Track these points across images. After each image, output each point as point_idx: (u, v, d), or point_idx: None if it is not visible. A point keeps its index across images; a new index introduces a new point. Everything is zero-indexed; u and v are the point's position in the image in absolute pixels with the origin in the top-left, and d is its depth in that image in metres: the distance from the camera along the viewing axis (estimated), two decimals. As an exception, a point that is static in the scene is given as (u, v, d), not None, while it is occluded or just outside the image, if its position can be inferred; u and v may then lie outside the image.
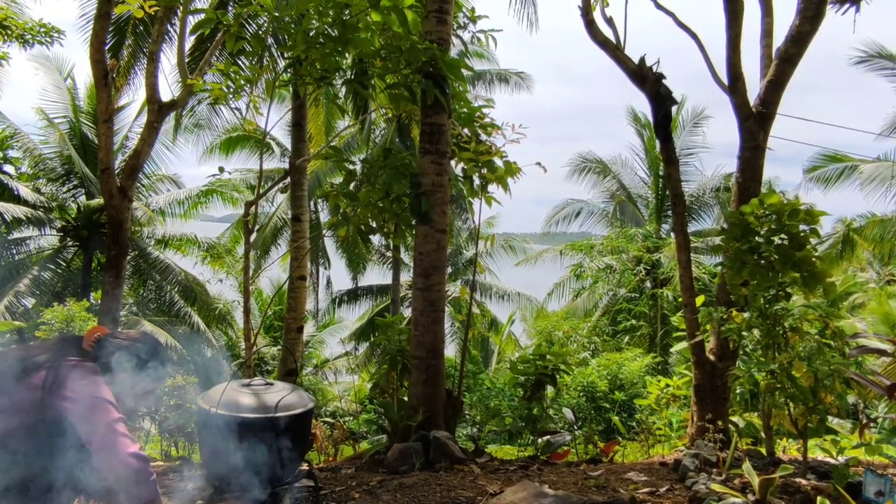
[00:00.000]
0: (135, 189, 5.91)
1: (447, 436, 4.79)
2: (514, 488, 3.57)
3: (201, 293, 16.27)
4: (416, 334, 5.24)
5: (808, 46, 5.05)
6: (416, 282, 5.30)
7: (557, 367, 5.57)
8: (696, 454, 4.35)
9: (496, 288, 21.07)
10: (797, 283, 4.19)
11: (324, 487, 3.98)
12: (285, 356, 10.52)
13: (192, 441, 5.72)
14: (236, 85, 5.34)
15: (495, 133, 5.63)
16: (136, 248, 15.51)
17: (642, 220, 19.58)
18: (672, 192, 5.24)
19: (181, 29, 6.46)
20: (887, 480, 3.43)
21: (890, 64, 15.95)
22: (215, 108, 12.20)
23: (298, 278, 9.73)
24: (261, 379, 3.21)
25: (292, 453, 3.08)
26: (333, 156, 5.93)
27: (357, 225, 5.37)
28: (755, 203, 4.34)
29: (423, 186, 5.20)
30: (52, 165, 15.55)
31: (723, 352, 5.01)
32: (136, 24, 9.72)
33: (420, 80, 5.12)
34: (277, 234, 19.21)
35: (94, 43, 5.22)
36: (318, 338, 20.93)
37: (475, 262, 6.92)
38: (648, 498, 3.76)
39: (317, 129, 15.30)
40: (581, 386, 10.67)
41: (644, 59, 5.04)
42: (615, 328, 17.23)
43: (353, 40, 5.03)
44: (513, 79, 18.95)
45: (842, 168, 16.90)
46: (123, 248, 5.64)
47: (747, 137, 5.12)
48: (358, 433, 9.25)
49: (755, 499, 3.41)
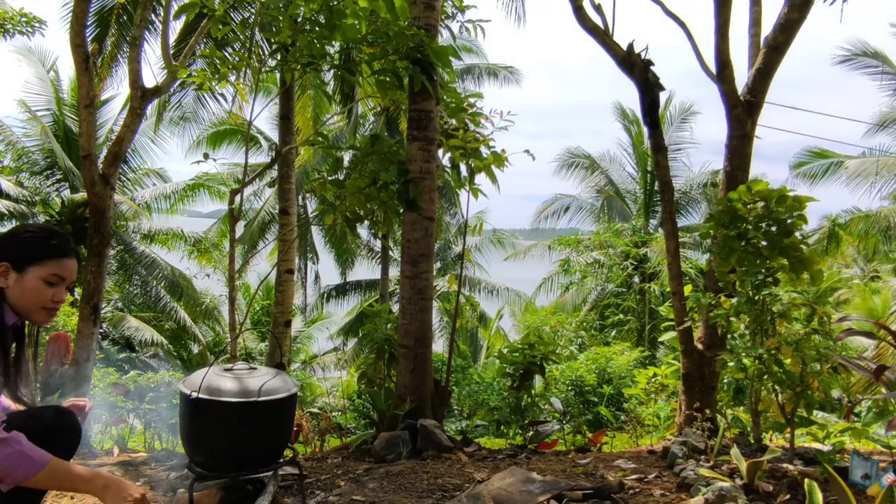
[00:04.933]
0: (117, 177, 5.81)
1: (435, 424, 4.75)
2: (501, 474, 3.54)
3: (188, 288, 16.13)
4: (404, 323, 5.20)
5: (797, 35, 5.05)
6: (404, 270, 5.25)
7: (546, 356, 5.55)
8: (685, 442, 4.34)
9: (485, 283, 21.07)
10: (785, 269, 4.20)
11: (309, 475, 3.93)
12: (272, 350, 10.44)
13: (177, 434, 5.65)
14: (222, 71, 5.27)
15: (483, 120, 5.59)
16: (122, 242, 15.33)
17: (630, 216, 19.65)
18: (660, 179, 5.22)
19: (165, 14, 6.36)
20: (874, 464, 3.43)
21: (874, 62, 16.10)
22: (201, 101, 12.08)
23: (286, 272, 9.65)
24: (244, 363, 3.15)
25: (276, 439, 3.03)
26: (321, 143, 5.86)
27: (344, 213, 5.31)
28: (743, 190, 4.34)
29: (411, 173, 5.15)
30: (34, 158, 15.34)
31: (711, 340, 5.01)
32: (120, 13, 9.59)
33: (407, 67, 5.07)
34: (265, 228, 19.08)
35: (74, 26, 5.11)
36: (306, 333, 20.83)
37: (463, 251, 6.89)
38: (637, 484, 3.74)
39: (304, 123, 15.19)
40: (570, 380, 10.70)
41: (632, 45, 5.02)
42: (603, 323, 17.30)
43: (341, 26, 4.98)
44: (502, 73, 18.94)
45: (827, 164, 17.05)
46: (106, 236, 5.54)
47: (735, 126, 5.12)
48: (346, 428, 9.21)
49: (743, 483, 3.40)
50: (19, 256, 1.94)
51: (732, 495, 3.13)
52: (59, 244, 2.01)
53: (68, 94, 16.01)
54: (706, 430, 4.35)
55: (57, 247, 2.00)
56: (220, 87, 5.61)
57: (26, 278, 1.93)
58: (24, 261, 1.94)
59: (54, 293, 2.00)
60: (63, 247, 2.02)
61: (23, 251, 1.95)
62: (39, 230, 2.02)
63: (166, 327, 15.63)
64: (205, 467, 2.90)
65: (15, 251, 1.95)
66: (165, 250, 17.17)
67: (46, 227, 2.05)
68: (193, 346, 16.49)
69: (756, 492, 3.35)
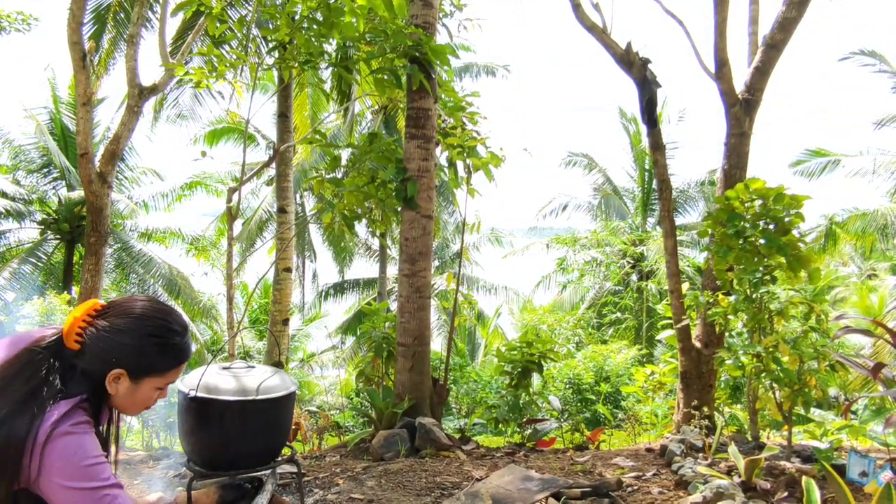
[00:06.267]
0: (114, 175, 5.79)
1: (433, 422, 4.75)
2: (499, 472, 3.54)
3: (185, 287, 16.09)
4: (402, 321, 5.19)
5: (794, 33, 5.06)
6: (402, 268, 5.25)
7: (544, 354, 5.55)
8: (683, 439, 4.35)
9: (483, 281, 21.06)
10: (782, 267, 4.20)
11: (307, 473, 3.93)
12: (270, 348, 10.43)
13: (175, 432, 5.65)
14: (220, 69, 5.25)
15: (480, 118, 5.58)
16: (119, 240, 15.30)
17: (628, 214, 19.66)
18: (658, 177, 5.23)
19: (162, 12, 6.34)
20: (871, 461, 3.44)
21: (872, 61, 16.12)
22: (199, 98, 12.05)
23: (284, 270, 9.64)
24: (242, 362, 3.14)
25: (274, 437, 3.02)
26: (319, 141, 5.85)
27: (342, 211, 5.31)
28: (740, 188, 4.34)
29: (409, 172, 5.14)
30: (31, 157, 15.28)
31: (709, 338, 5.02)
32: (117, 10, 9.56)
33: (405, 65, 5.07)
34: (263, 226, 19.04)
35: (71, 24, 5.10)
36: (303, 332, 20.81)
37: (461, 249, 6.88)
38: (635, 482, 3.75)
39: (302, 121, 15.16)
40: (567, 378, 10.70)
41: (630, 43, 5.02)
42: (601, 321, 17.31)
43: (338, 24, 4.97)
44: (500, 71, 18.91)
45: (825, 162, 17.07)
46: (103, 235, 5.53)
47: (733, 124, 5.12)
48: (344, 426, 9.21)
49: (741, 480, 3.41)
50: (139, 368, 1.68)
51: (730, 493, 3.14)
52: (184, 351, 1.76)
53: (65, 93, 15.96)
54: (704, 427, 4.36)
55: (181, 355, 1.75)
56: (217, 84, 5.60)
57: (141, 388, 1.70)
58: (144, 372, 1.69)
59: (160, 395, 1.78)
60: (186, 353, 1.77)
61: (145, 363, 1.68)
62: (166, 335, 1.70)
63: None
64: (203, 466, 2.89)
65: (136, 361, 1.67)
66: (163, 248, 17.14)
67: (173, 330, 1.72)
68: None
69: (754, 489, 3.36)
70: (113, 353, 1.63)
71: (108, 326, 1.63)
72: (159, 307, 1.73)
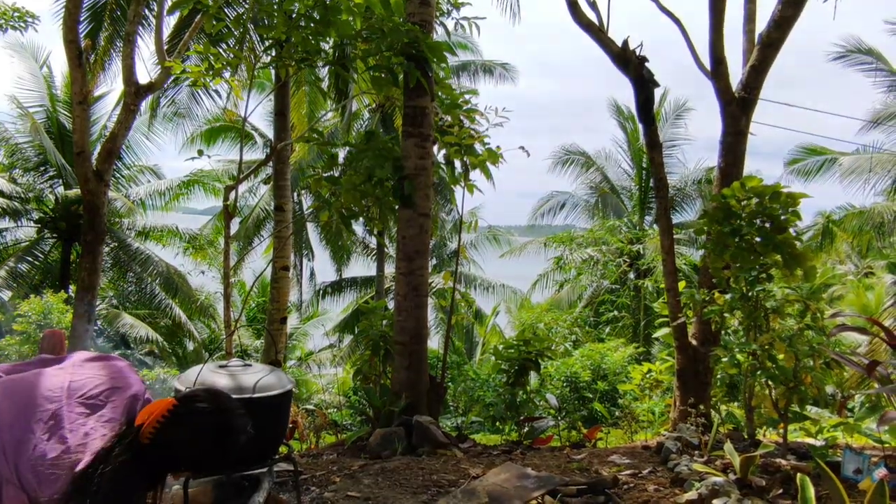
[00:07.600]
0: (111, 173, 5.78)
1: (430, 420, 4.76)
2: (496, 470, 3.55)
3: (182, 285, 16.07)
4: (400, 319, 5.20)
5: (791, 31, 5.07)
6: (399, 266, 5.25)
7: (541, 352, 5.56)
8: (679, 437, 4.36)
9: (481, 280, 21.06)
10: (778, 265, 4.21)
11: (304, 471, 3.93)
12: (268, 347, 10.42)
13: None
14: (217, 67, 5.25)
15: (478, 117, 5.58)
16: (116, 239, 15.26)
17: (625, 212, 19.68)
18: (655, 176, 5.24)
19: (159, 10, 6.32)
20: (865, 458, 3.46)
21: (868, 59, 16.13)
22: (195, 97, 12.02)
23: (281, 269, 9.62)
24: (239, 360, 3.14)
25: (271, 436, 3.03)
26: (316, 139, 5.85)
27: (339, 210, 5.30)
28: (737, 186, 4.35)
29: (406, 170, 5.15)
30: (27, 155, 15.23)
31: (705, 336, 5.03)
32: (114, 8, 9.52)
33: (402, 63, 5.06)
34: (260, 225, 19.01)
35: (67, 22, 5.09)
36: (301, 330, 20.80)
37: (459, 247, 6.89)
38: (631, 479, 3.76)
39: (300, 119, 15.12)
40: (564, 376, 10.71)
41: (627, 42, 5.03)
42: (598, 319, 17.32)
43: (335, 22, 4.97)
44: (497, 70, 18.89)
45: (822, 161, 17.07)
46: (100, 233, 5.52)
47: (730, 122, 5.13)
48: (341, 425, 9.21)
49: (736, 478, 3.42)
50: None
51: (726, 490, 3.15)
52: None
53: (61, 91, 15.88)
54: (700, 425, 4.37)
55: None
56: (214, 83, 5.59)
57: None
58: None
59: None
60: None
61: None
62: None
63: (161, 324, 15.57)
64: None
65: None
66: (160, 247, 17.09)
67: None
68: (188, 343, 16.44)
69: (749, 486, 3.37)
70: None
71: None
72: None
